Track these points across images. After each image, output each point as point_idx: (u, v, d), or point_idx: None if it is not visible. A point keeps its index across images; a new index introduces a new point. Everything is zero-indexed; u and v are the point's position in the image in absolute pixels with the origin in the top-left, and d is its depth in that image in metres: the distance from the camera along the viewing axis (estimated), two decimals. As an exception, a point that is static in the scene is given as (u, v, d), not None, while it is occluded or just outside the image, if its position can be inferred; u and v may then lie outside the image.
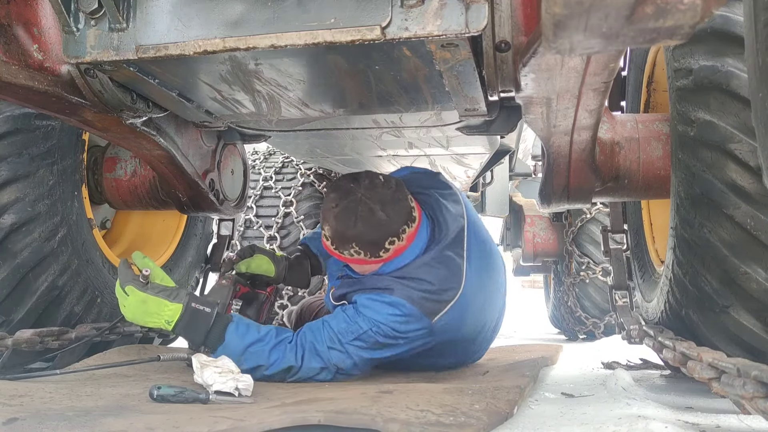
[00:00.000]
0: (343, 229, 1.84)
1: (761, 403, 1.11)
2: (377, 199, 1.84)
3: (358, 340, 1.81)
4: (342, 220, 1.84)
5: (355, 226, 1.82)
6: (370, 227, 1.83)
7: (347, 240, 1.86)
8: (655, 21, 0.65)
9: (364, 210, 1.82)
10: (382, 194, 1.86)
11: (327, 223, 1.88)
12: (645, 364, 2.63)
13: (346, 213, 1.83)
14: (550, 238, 5.10)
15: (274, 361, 1.78)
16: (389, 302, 1.82)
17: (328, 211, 1.88)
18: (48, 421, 1.19)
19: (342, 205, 1.84)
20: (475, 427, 1.25)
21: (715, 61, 1.60)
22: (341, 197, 1.86)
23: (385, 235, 1.85)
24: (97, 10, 1.37)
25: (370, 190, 1.86)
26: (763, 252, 1.49)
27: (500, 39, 1.32)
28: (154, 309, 1.71)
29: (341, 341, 1.81)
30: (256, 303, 2.27)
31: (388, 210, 1.84)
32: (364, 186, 1.86)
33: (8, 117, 1.90)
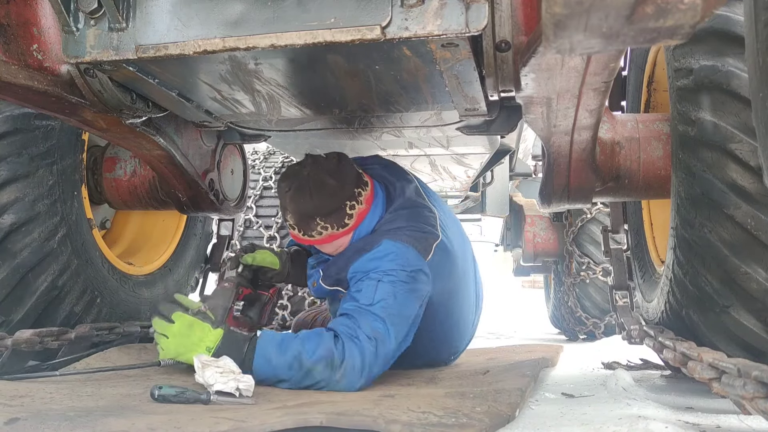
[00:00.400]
0: (302, 208, 1.89)
1: (762, 403, 1.11)
2: (324, 171, 1.90)
3: (380, 301, 1.74)
4: (297, 200, 1.89)
5: (311, 199, 1.87)
6: (325, 196, 1.87)
7: (309, 218, 1.89)
8: (655, 21, 0.65)
9: (314, 183, 1.87)
10: (327, 166, 1.92)
11: (286, 210, 1.93)
12: (645, 365, 2.62)
13: (299, 192, 1.88)
14: (550, 238, 5.10)
15: (310, 348, 1.67)
16: (382, 250, 1.84)
17: (283, 198, 1.94)
18: (49, 421, 1.19)
19: (294, 187, 1.90)
20: (477, 428, 1.25)
21: (715, 61, 1.60)
22: (291, 181, 1.92)
23: (342, 199, 1.90)
24: (97, 10, 1.37)
25: (315, 165, 1.92)
26: (763, 252, 1.49)
27: (500, 39, 1.32)
28: (198, 334, 1.67)
29: (366, 308, 1.74)
30: (259, 304, 2.26)
31: (336, 176, 1.90)
32: (308, 164, 1.93)
33: (8, 117, 1.90)
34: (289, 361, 1.66)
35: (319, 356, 1.65)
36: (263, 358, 1.68)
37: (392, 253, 1.83)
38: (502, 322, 6.43)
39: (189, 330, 1.68)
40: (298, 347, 1.67)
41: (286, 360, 1.66)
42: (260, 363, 1.68)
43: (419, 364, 2.22)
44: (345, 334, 1.70)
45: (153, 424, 1.19)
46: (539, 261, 5.26)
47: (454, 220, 2.27)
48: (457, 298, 2.17)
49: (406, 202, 2.04)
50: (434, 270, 1.91)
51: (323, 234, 1.92)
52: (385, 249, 1.84)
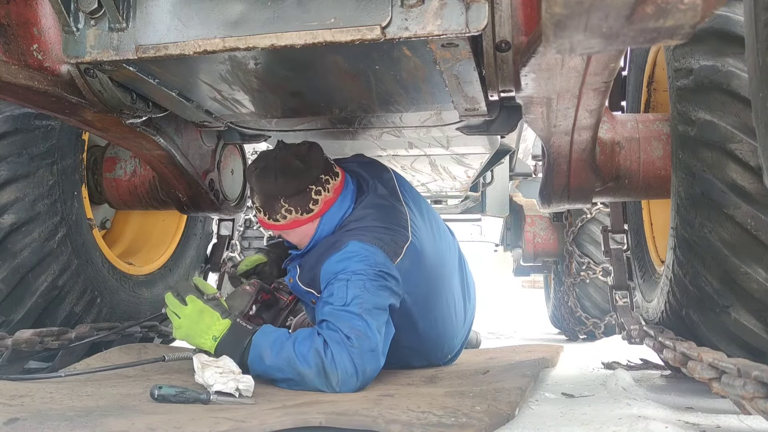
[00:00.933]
0: (266, 188, 1.90)
1: (761, 403, 1.11)
2: (292, 154, 1.91)
3: (353, 299, 1.74)
4: (263, 180, 1.90)
5: (276, 180, 1.88)
6: (290, 177, 1.88)
7: (273, 198, 1.90)
8: (655, 21, 0.65)
9: (281, 164, 1.89)
10: (297, 150, 1.93)
11: (253, 192, 1.95)
12: (645, 365, 2.62)
13: (265, 171, 1.90)
14: (550, 238, 5.10)
15: (301, 353, 1.67)
16: (350, 251, 1.82)
17: (250, 179, 1.95)
18: (49, 421, 1.19)
19: (260, 167, 1.91)
20: (476, 428, 1.25)
21: (715, 61, 1.60)
22: (259, 162, 1.94)
23: (307, 182, 1.90)
24: (97, 10, 1.37)
25: (285, 149, 1.94)
26: (763, 252, 1.49)
27: (500, 39, 1.32)
28: (208, 322, 1.73)
29: (342, 309, 1.74)
30: (275, 308, 2.24)
31: (303, 160, 1.90)
32: (279, 148, 1.95)
33: (8, 117, 1.90)
34: (281, 364, 1.68)
35: (311, 364, 1.65)
36: (257, 356, 1.70)
37: (359, 254, 1.81)
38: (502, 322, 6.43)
39: (199, 316, 1.73)
40: (290, 352, 1.67)
41: (279, 363, 1.68)
42: (254, 359, 1.70)
43: (416, 366, 2.22)
44: (331, 339, 1.68)
45: (153, 424, 1.19)
46: (539, 261, 5.26)
47: (431, 220, 2.22)
48: (437, 298, 2.13)
49: (376, 198, 2.02)
50: (405, 272, 1.89)
51: (287, 218, 1.92)
52: (352, 249, 1.82)
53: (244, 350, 1.70)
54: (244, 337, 1.73)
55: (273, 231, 2.06)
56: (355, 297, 1.74)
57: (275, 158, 1.91)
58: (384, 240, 1.88)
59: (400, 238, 1.93)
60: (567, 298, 4.76)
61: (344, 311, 1.73)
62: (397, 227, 1.95)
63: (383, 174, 2.17)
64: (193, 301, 1.75)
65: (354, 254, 1.81)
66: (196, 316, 1.73)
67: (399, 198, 2.09)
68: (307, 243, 1.99)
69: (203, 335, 1.73)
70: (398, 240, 1.92)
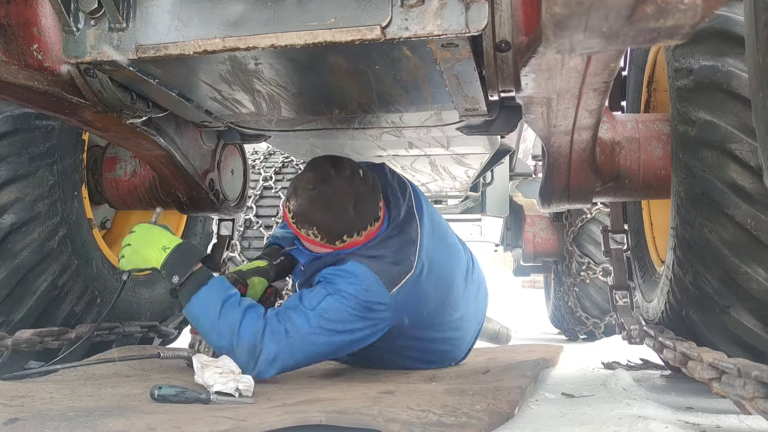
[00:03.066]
0: (311, 214, 1.86)
1: (762, 403, 1.11)
2: (352, 194, 1.85)
3: (320, 310, 1.75)
4: (312, 205, 1.85)
5: (323, 214, 1.85)
6: (337, 220, 1.86)
7: (310, 222, 1.87)
8: (655, 21, 0.65)
9: (337, 202, 1.84)
10: (359, 191, 1.87)
11: (296, 199, 1.88)
12: (645, 365, 2.62)
13: (318, 199, 1.84)
14: (550, 238, 5.10)
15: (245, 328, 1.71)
16: (347, 269, 1.82)
17: (301, 189, 1.87)
18: (49, 421, 1.19)
19: (318, 190, 1.84)
20: (476, 427, 1.25)
21: (715, 61, 1.60)
22: (319, 181, 1.86)
23: (348, 230, 1.88)
24: (97, 10, 1.37)
25: (349, 183, 1.86)
26: (763, 252, 1.49)
27: (500, 39, 1.32)
28: (157, 235, 1.77)
29: (304, 310, 1.77)
30: None
31: (359, 208, 1.86)
32: (344, 177, 1.86)
33: (8, 117, 1.90)
34: (221, 329, 1.71)
35: (247, 342, 1.70)
36: (202, 308, 1.74)
37: (354, 277, 1.80)
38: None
39: (148, 232, 1.78)
40: (235, 321, 1.71)
41: (220, 326, 1.71)
42: (195, 307, 1.74)
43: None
44: (271, 328, 1.72)
45: (152, 424, 1.19)
46: (539, 261, 5.26)
47: (442, 235, 2.20)
48: (442, 313, 2.12)
49: (395, 229, 1.98)
50: (402, 301, 1.87)
51: (309, 237, 1.90)
52: (350, 270, 1.82)
53: (186, 280, 1.73)
54: (192, 263, 1.75)
55: (289, 228, 2.03)
56: (323, 309, 1.76)
57: (335, 190, 1.84)
58: (384, 270, 1.85)
59: (404, 269, 1.89)
60: (567, 298, 4.76)
61: (304, 313, 1.75)
62: (405, 257, 1.92)
63: (405, 191, 2.13)
64: (140, 227, 1.80)
65: (349, 275, 1.81)
66: (145, 232, 1.77)
67: (414, 215, 2.05)
68: (318, 253, 1.98)
69: (151, 246, 1.75)
70: (401, 271, 1.89)
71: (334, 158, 1.94)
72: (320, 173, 1.87)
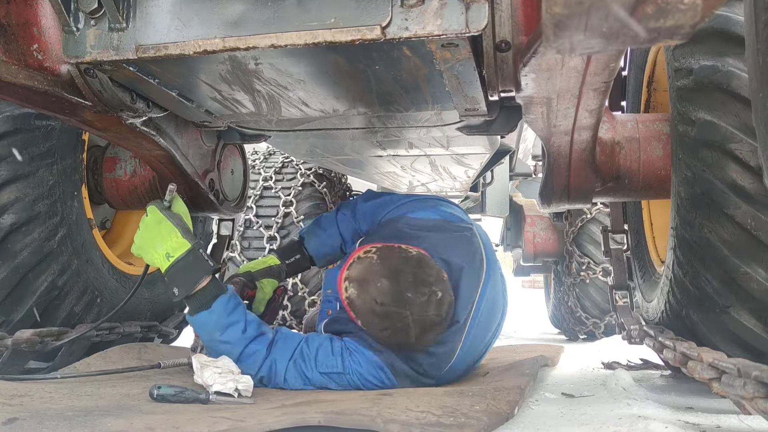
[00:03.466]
0: (370, 321, 1.71)
1: (761, 403, 1.11)
2: (420, 325, 1.68)
3: (326, 375, 1.75)
4: (374, 315, 1.69)
5: (383, 329, 1.70)
6: (392, 337, 1.71)
7: (365, 323, 1.73)
8: (655, 21, 0.65)
9: (402, 329, 1.67)
10: (429, 321, 1.69)
11: (359, 295, 1.69)
12: (645, 365, 2.63)
13: (385, 318, 1.67)
14: (550, 238, 5.10)
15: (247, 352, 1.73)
16: (375, 364, 1.74)
17: (370, 299, 1.67)
18: (48, 421, 1.19)
19: (386, 307, 1.66)
20: (475, 428, 1.25)
21: (715, 61, 1.60)
22: (391, 302, 1.66)
23: (400, 346, 1.75)
24: (97, 10, 1.37)
25: (422, 311, 1.67)
26: (763, 252, 1.49)
27: (500, 39, 1.32)
28: (165, 234, 1.67)
29: (312, 366, 1.75)
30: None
31: (422, 338, 1.71)
32: (418, 304, 1.66)
33: (8, 117, 1.90)
34: (220, 350, 1.72)
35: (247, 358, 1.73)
36: (201, 329, 1.73)
37: (376, 373, 1.74)
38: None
39: (157, 226, 1.68)
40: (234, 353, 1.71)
41: (220, 348, 1.72)
42: (196, 326, 1.74)
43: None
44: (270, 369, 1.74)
45: (152, 424, 1.19)
46: (539, 261, 5.27)
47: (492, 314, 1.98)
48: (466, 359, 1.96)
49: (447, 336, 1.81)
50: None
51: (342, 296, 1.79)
52: (378, 365, 1.74)
53: (197, 292, 1.68)
54: (200, 274, 1.68)
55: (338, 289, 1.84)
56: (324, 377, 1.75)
57: (404, 319, 1.65)
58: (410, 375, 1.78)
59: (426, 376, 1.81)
60: (567, 298, 4.76)
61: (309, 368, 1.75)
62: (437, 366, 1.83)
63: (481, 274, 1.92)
64: (153, 211, 1.69)
65: (374, 369, 1.74)
66: (154, 225, 1.67)
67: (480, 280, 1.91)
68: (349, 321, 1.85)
69: (155, 249, 1.67)
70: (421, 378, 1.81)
71: (417, 271, 1.70)
72: (396, 289, 1.66)
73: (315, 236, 2.34)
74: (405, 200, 2.20)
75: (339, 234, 2.32)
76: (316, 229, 2.36)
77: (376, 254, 1.75)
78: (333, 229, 2.33)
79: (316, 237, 2.33)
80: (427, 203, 2.14)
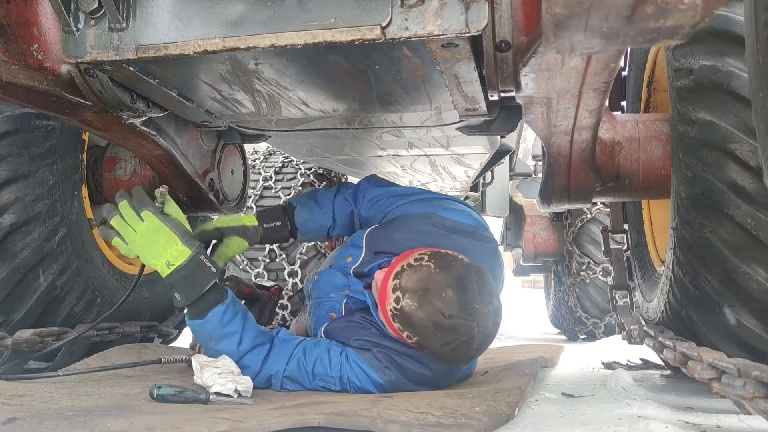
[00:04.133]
0: (435, 341, 1.57)
1: (762, 403, 1.11)
2: (483, 336, 1.60)
3: (319, 378, 1.74)
4: (442, 335, 1.55)
5: (445, 344, 1.57)
6: (458, 353, 1.61)
7: (428, 340, 1.59)
8: (655, 21, 0.65)
9: (467, 342, 1.56)
10: (490, 331, 1.63)
11: (421, 319, 1.55)
12: (645, 365, 2.63)
13: (452, 331, 1.54)
14: (550, 238, 5.10)
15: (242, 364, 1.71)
16: (373, 381, 1.70)
17: (435, 312, 1.53)
18: (48, 420, 1.19)
19: (456, 323, 1.53)
20: (475, 428, 1.25)
21: (715, 61, 1.60)
22: (460, 313, 1.53)
23: (433, 354, 1.66)
24: (97, 10, 1.37)
25: (486, 322, 1.58)
26: (763, 252, 1.49)
27: (500, 39, 1.32)
28: (164, 242, 1.62)
29: (310, 379, 1.74)
30: (259, 303, 2.28)
31: (481, 349, 1.65)
32: (484, 315, 1.57)
33: (8, 117, 1.90)
34: (217, 354, 1.70)
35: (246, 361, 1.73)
36: (198, 333, 1.72)
37: (372, 386, 1.70)
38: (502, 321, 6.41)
39: (155, 234, 1.63)
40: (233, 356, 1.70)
41: (216, 353, 1.70)
42: (193, 330, 1.73)
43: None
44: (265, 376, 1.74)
45: (151, 424, 1.19)
46: (539, 261, 5.27)
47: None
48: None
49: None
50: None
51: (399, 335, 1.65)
52: (375, 382, 1.69)
53: (197, 300, 1.65)
54: (202, 282, 1.65)
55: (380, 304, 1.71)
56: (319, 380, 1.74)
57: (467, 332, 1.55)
58: (400, 384, 1.72)
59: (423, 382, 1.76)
60: (567, 298, 4.76)
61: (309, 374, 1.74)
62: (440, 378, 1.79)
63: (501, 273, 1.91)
64: (149, 218, 1.63)
65: (370, 383, 1.70)
66: (151, 234, 1.62)
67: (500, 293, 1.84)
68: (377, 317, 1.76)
69: (156, 257, 1.63)
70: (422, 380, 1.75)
71: (479, 281, 1.60)
72: (464, 299, 1.55)
73: (307, 209, 2.14)
74: (428, 196, 2.06)
75: (333, 216, 2.16)
76: (310, 203, 2.17)
77: (432, 262, 1.59)
78: (328, 209, 2.16)
79: (309, 211, 2.14)
80: (457, 205, 2.01)
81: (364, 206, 2.13)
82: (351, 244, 2.05)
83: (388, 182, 2.23)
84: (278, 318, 3.59)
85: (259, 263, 3.89)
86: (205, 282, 1.66)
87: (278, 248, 3.77)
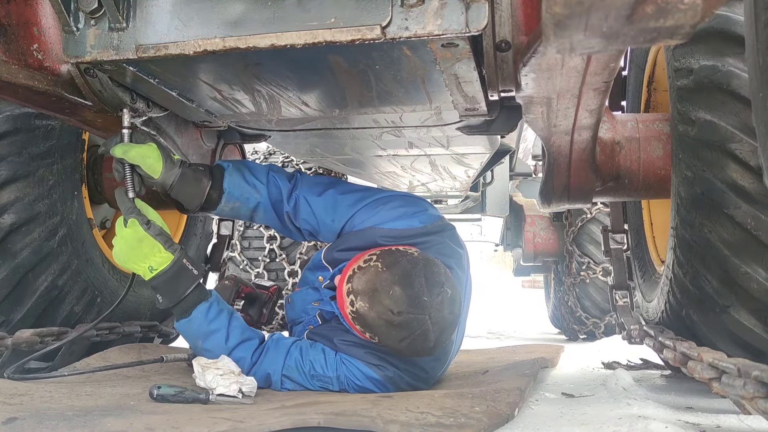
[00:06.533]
0: (391, 338, 1.60)
1: (761, 403, 1.11)
2: (439, 327, 1.60)
3: (317, 379, 1.75)
4: (396, 332, 1.58)
5: (401, 340, 1.59)
6: (415, 347, 1.62)
7: (385, 339, 1.62)
8: (655, 21, 0.65)
9: (422, 335, 1.58)
10: (446, 321, 1.62)
11: (374, 319, 1.58)
12: (645, 364, 2.62)
13: (404, 327, 1.56)
14: (550, 237, 5.11)
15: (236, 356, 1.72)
16: (371, 378, 1.71)
17: (385, 310, 1.56)
18: (47, 420, 1.19)
19: (405, 319, 1.55)
20: (475, 428, 1.25)
21: (715, 61, 1.60)
22: (409, 308, 1.55)
23: (420, 355, 1.70)
24: (97, 10, 1.37)
25: (439, 313, 1.59)
26: (763, 252, 1.49)
27: (500, 38, 1.32)
28: (147, 251, 1.64)
29: (307, 379, 1.75)
30: (258, 303, 2.28)
31: (440, 340, 1.64)
32: (435, 306, 1.58)
33: (8, 117, 1.90)
34: (207, 355, 1.70)
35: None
36: (185, 334, 1.73)
37: (370, 384, 1.71)
38: (502, 322, 6.43)
39: (138, 244, 1.64)
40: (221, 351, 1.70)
41: (205, 354, 1.71)
42: (180, 331, 1.74)
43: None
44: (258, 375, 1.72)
45: (151, 424, 1.19)
46: (539, 261, 5.27)
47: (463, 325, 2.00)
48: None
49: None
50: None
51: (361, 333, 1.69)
52: (373, 379, 1.71)
53: (180, 302, 1.67)
54: (185, 285, 1.67)
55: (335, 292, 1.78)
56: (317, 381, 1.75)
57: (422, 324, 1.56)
58: (406, 380, 1.76)
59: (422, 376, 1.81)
60: (567, 298, 4.76)
61: (304, 373, 1.75)
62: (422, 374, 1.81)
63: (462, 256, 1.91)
64: (133, 225, 1.63)
65: (368, 381, 1.72)
66: (134, 242, 1.63)
67: (465, 276, 1.91)
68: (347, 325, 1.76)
69: (139, 263, 1.65)
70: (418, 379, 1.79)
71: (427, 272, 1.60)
72: (411, 294, 1.56)
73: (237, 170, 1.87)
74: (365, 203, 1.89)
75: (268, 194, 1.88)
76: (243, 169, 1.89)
77: (379, 261, 1.62)
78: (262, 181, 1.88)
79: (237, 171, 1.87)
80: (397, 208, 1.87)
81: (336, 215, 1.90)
82: (314, 266, 2.05)
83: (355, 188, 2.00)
84: (278, 318, 3.59)
85: (259, 263, 3.89)
86: (188, 285, 1.68)
87: (278, 248, 3.78)
